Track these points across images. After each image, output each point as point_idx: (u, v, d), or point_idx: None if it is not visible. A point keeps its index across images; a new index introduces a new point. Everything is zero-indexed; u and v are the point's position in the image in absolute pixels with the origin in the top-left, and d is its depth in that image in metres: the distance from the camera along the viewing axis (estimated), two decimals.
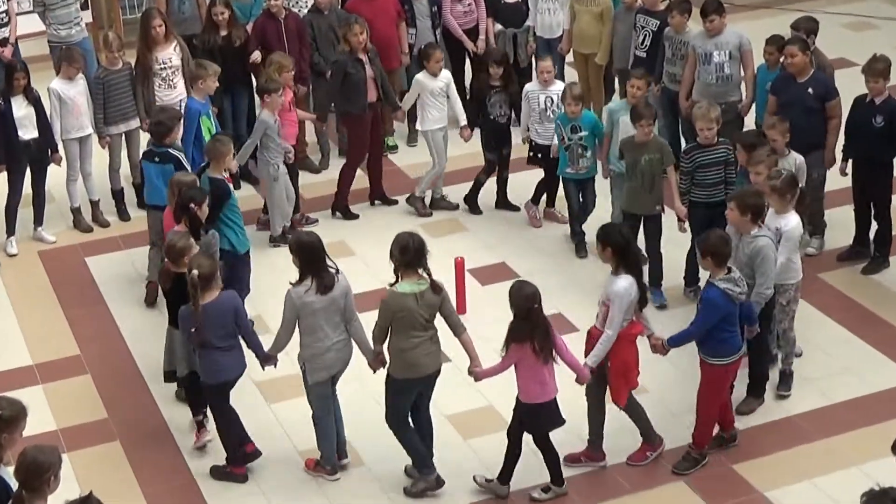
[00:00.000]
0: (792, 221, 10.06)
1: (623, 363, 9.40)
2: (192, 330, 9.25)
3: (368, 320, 11.25)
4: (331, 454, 9.67)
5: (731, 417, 9.89)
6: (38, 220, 13.14)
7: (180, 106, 12.94)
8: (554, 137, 12.54)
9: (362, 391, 10.18)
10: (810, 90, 11.87)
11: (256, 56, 13.66)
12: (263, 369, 9.82)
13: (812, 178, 11.64)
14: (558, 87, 12.70)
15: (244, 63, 13.66)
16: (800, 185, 10.41)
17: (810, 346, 10.89)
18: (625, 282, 9.23)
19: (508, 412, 9.57)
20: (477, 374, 9.31)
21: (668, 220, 11.65)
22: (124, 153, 13.38)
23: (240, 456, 9.74)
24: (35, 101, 12.64)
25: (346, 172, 13.37)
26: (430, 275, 9.05)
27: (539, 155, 12.87)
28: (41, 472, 7.25)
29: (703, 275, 10.03)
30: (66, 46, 13.88)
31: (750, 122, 12.94)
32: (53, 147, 12.87)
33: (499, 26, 14.81)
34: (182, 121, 11.96)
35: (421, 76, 13.20)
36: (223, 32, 13.64)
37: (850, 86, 12.36)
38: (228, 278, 10.80)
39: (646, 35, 13.56)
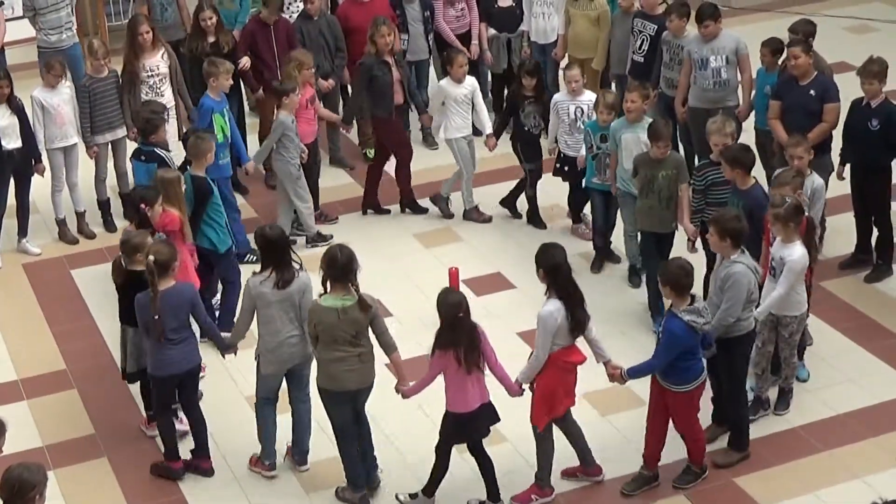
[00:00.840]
0: (796, 252, 9.74)
1: (547, 388, 9.21)
2: (155, 317, 9.26)
3: None
4: (270, 450, 9.73)
5: (658, 455, 9.56)
6: (23, 231, 13.01)
7: (167, 114, 12.88)
8: (582, 148, 12.29)
9: None
10: (812, 92, 11.76)
11: (245, 63, 13.62)
12: (224, 357, 10.00)
13: None
14: (588, 96, 12.46)
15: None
16: (807, 215, 10.07)
17: (814, 357, 10.80)
18: (550, 306, 9.08)
19: (503, 428, 9.53)
20: (404, 392, 9.32)
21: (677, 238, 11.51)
22: (110, 163, 13.25)
23: (175, 454, 9.83)
24: (18, 110, 12.52)
25: (400, 173, 13.37)
26: (357, 290, 9.00)
27: (566, 167, 12.64)
28: (26, 491, 7.24)
29: None
30: (54, 53, 13.78)
31: (749, 127, 12.84)
32: (37, 157, 12.74)
33: (492, 31, 14.68)
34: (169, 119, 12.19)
35: (444, 82, 13.07)
36: (210, 39, 13.52)
37: (850, 89, 12.24)
38: (220, 280, 10.84)
39: (643, 39, 13.42)
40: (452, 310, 8.84)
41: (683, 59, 12.86)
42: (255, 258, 12.10)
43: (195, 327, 9.65)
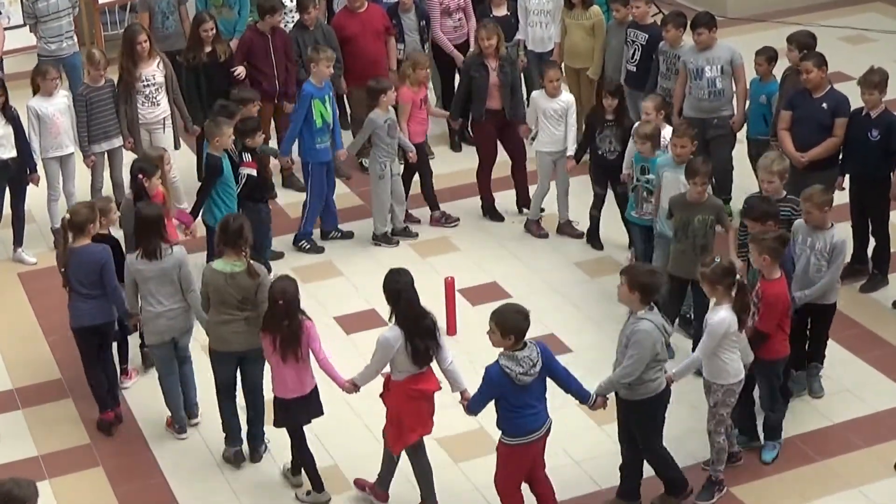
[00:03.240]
0: (717, 315, 9.03)
1: (396, 414, 9.07)
2: (62, 270, 10.21)
3: (357, 342, 11.13)
4: (178, 413, 10.31)
5: (548, 491, 9.08)
6: (18, 240, 12.98)
7: (164, 123, 12.96)
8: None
9: (351, 415, 10.12)
10: (825, 105, 11.73)
11: (241, 71, 13.59)
12: (127, 324, 10.40)
13: None
14: (667, 130, 11.84)
15: (229, 78, 13.51)
16: (738, 278, 9.21)
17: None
18: (389, 332, 8.90)
19: (491, 442, 9.41)
20: None
21: None
22: (106, 173, 13.23)
23: (108, 401, 10.43)
24: (13, 120, 12.47)
25: (479, 176, 13.46)
26: (247, 258, 9.54)
27: None
28: None
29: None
30: (54, 61, 13.80)
31: (742, 137, 12.91)
32: (32, 167, 12.70)
33: None
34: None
35: (536, 94, 12.97)
36: (207, 48, 13.49)
37: None
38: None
39: (635, 49, 13.43)
40: (273, 297, 9.09)
41: (679, 70, 12.88)
42: (339, 234, 13.05)
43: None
